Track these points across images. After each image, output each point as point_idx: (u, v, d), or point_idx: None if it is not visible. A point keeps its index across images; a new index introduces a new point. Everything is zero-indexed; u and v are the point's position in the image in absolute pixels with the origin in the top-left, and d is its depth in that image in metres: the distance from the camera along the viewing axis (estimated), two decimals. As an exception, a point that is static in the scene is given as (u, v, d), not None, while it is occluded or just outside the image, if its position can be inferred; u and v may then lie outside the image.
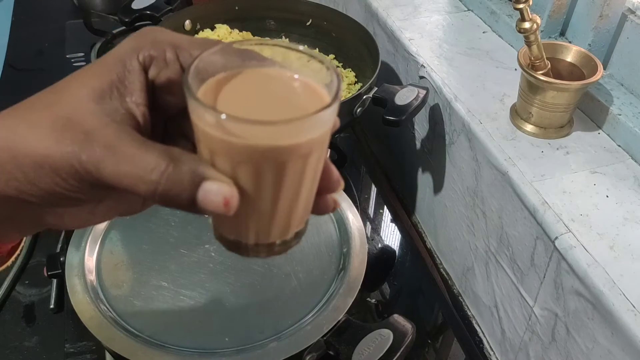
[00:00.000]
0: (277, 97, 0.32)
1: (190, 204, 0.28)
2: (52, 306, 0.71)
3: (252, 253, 0.33)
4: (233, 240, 0.33)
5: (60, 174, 0.29)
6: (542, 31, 0.76)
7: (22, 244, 0.80)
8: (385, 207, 0.92)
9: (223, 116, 0.27)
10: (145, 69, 0.31)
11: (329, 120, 0.30)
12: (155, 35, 0.32)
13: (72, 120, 0.29)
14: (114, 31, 1.21)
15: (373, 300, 0.76)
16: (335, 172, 0.33)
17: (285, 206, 0.31)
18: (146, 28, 0.33)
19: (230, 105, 0.30)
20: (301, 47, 0.33)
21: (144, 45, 0.31)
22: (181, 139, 0.35)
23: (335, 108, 0.29)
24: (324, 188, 0.33)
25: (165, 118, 0.34)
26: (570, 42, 0.74)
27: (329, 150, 0.82)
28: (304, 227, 0.35)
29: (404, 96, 0.76)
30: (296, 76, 0.32)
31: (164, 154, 0.29)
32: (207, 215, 0.30)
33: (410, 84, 0.79)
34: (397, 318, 0.59)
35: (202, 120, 0.28)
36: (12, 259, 0.78)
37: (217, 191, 0.28)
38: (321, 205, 0.34)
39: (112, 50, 0.32)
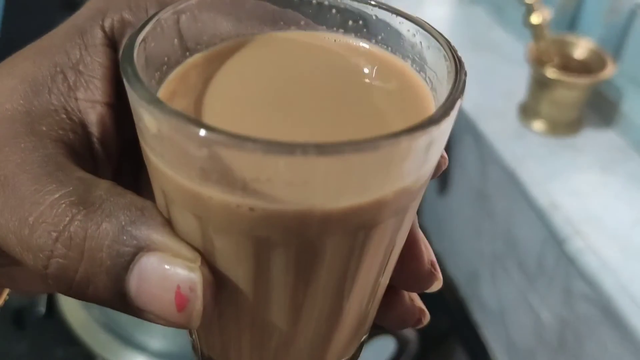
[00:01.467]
0: (325, 95, 0.17)
1: (115, 297, 0.15)
2: (42, 310, 0.69)
3: None
4: None
5: None
6: (551, 26, 0.75)
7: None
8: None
9: (202, 132, 0.13)
10: (113, 44, 0.20)
11: (437, 151, 0.16)
12: None
13: None
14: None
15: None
16: (425, 252, 0.19)
17: (316, 319, 0.17)
18: None
19: (227, 111, 0.16)
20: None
21: (115, 3, 0.20)
22: None
23: (450, 123, 0.15)
24: (404, 280, 0.19)
25: None
26: (579, 37, 0.73)
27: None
28: (355, 353, 0.20)
29: (406, 93, 0.75)
30: (367, 47, 0.17)
31: (75, 192, 0.16)
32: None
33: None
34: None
35: (149, 135, 0.14)
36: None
37: (167, 277, 0.15)
38: (396, 314, 0.20)
39: (74, 14, 0.20)
